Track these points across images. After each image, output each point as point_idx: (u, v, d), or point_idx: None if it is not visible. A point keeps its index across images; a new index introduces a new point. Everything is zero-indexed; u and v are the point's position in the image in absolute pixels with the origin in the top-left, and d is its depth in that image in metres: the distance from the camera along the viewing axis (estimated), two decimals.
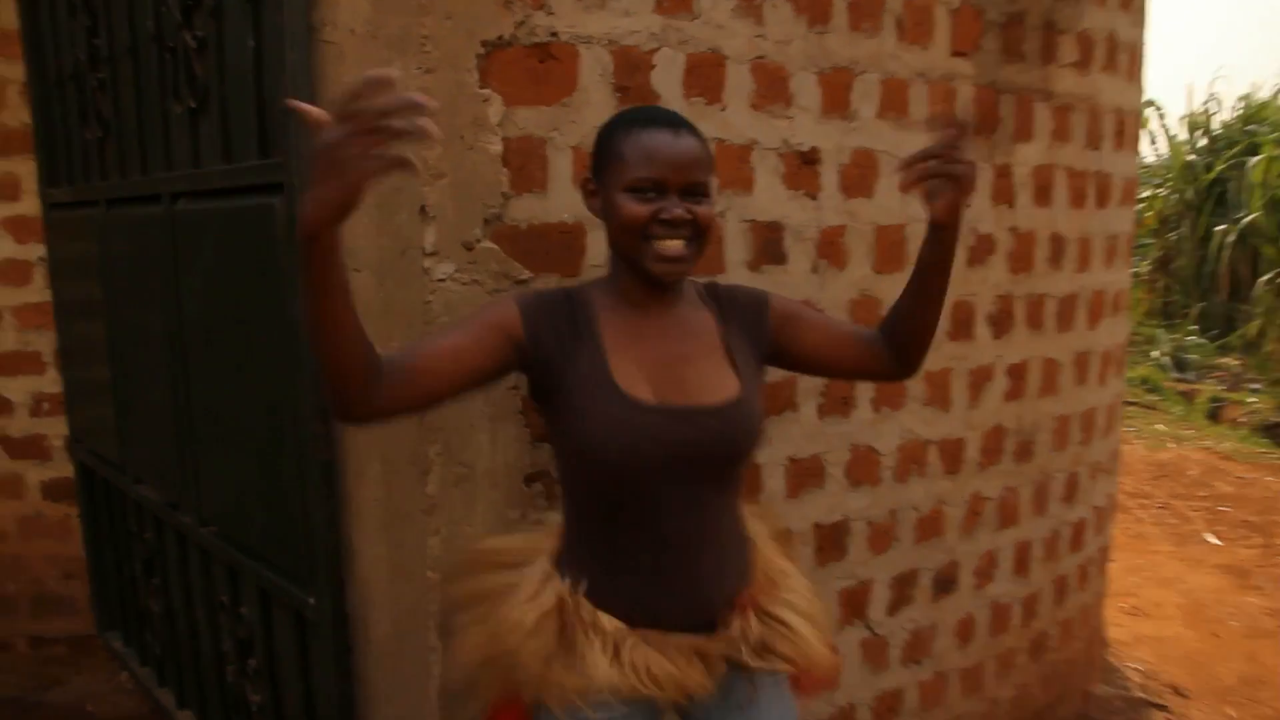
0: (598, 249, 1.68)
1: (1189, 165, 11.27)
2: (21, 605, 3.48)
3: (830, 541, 2.09)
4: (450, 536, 1.64)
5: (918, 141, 2.07)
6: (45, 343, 3.28)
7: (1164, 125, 11.91)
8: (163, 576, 2.56)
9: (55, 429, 3.31)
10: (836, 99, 1.94)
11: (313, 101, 1.60)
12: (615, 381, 1.29)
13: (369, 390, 1.17)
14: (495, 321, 1.30)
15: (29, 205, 3.19)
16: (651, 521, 1.32)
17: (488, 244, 1.61)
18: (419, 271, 1.59)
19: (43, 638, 3.45)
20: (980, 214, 2.25)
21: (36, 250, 3.23)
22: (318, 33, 1.59)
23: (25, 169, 3.18)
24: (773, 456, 1.97)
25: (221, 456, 2.11)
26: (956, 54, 2.13)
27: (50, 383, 3.30)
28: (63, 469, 3.30)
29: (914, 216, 2.07)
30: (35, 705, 3.07)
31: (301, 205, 1.02)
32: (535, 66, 1.63)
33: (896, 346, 1.45)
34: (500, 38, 1.59)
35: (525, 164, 1.62)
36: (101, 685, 3.12)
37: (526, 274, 1.63)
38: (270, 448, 1.87)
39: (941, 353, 2.21)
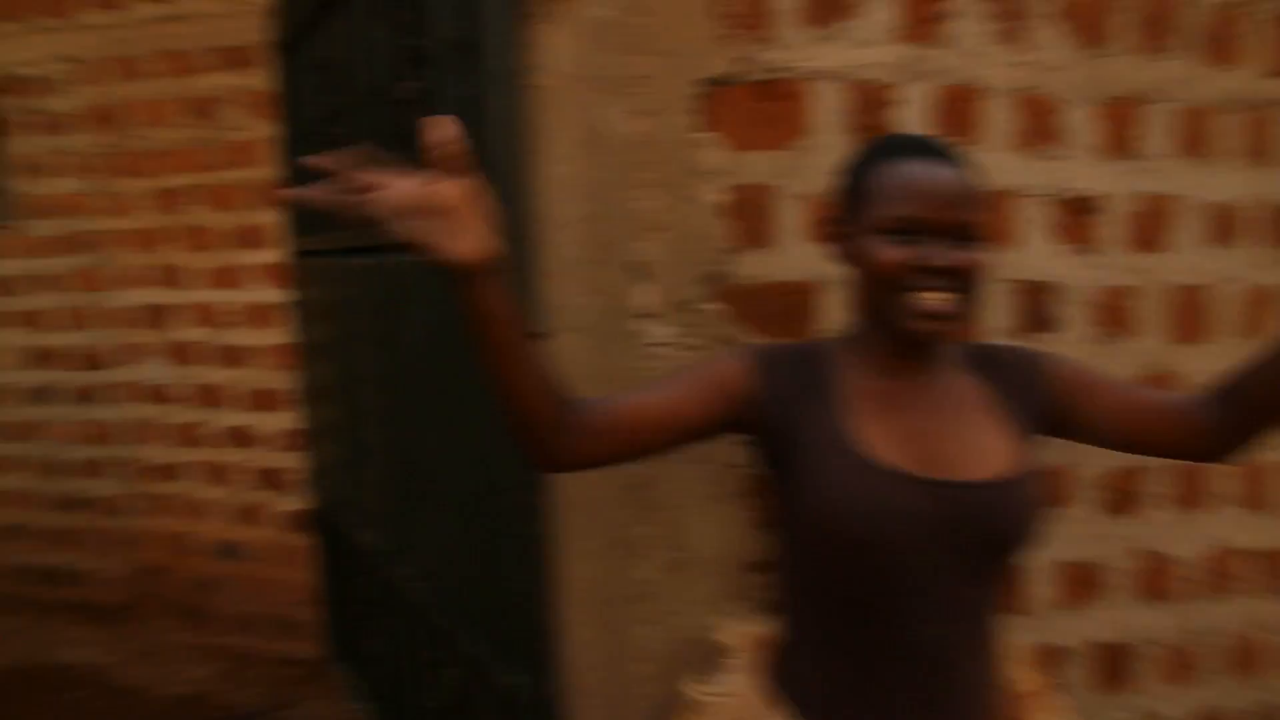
0: (831, 311, 1.48)
1: None
2: (266, 625, 3.68)
3: (1111, 665, 1.75)
4: (663, 627, 1.49)
5: (1223, 184, 1.73)
6: (289, 382, 3.46)
7: None
8: (381, 621, 2.58)
9: (297, 463, 3.47)
10: (1119, 135, 1.64)
11: (522, 151, 1.53)
12: (857, 444, 1.08)
13: (558, 438, 1.06)
14: (718, 375, 1.12)
15: (276, 253, 3.40)
16: (900, 622, 1.08)
17: (706, 304, 1.45)
18: (630, 334, 1.46)
19: (285, 658, 3.62)
20: None
21: (281, 295, 3.42)
22: (528, 77, 1.51)
23: (269, 219, 3.40)
24: (1042, 558, 1.66)
25: (434, 513, 2.08)
26: (1275, 75, 1.76)
27: (293, 419, 3.48)
28: (304, 500, 3.46)
29: (1224, 274, 1.72)
30: None
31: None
32: (760, 106, 1.46)
33: (1234, 418, 1.13)
34: (722, 75, 1.44)
35: (749, 215, 1.46)
36: (330, 711, 3.21)
37: (749, 338, 1.46)
38: (480, 513, 1.80)
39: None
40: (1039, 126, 1.59)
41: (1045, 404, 1.16)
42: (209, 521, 3.74)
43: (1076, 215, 1.63)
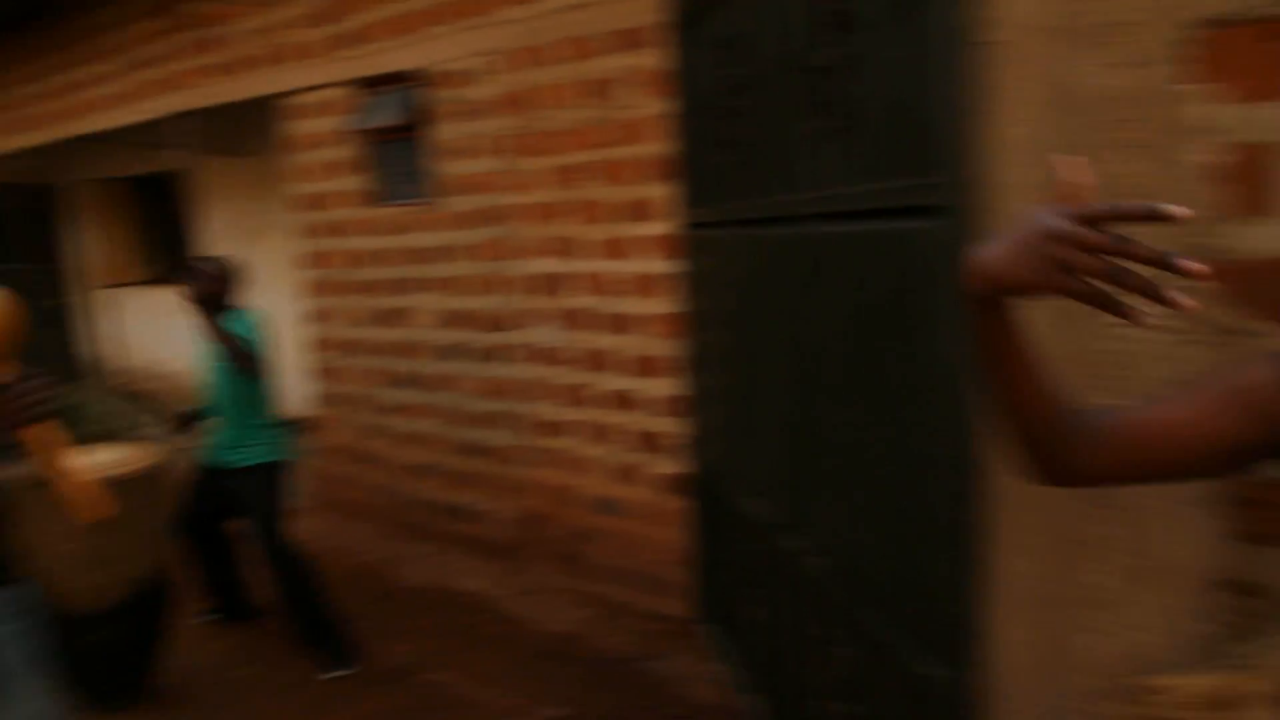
0: None
1: None
2: (637, 579, 3.87)
3: None
4: (1114, 639, 1.34)
5: None
6: (672, 349, 3.59)
7: None
8: (762, 590, 2.60)
9: (676, 428, 3.61)
10: None
11: (973, 112, 1.43)
12: None
13: (1061, 457, 0.99)
14: (1248, 387, 0.95)
15: (659, 226, 3.52)
16: None
17: (1190, 282, 1.27)
18: (1095, 311, 1.31)
19: (653, 613, 3.80)
20: None
21: (667, 266, 3.55)
22: (981, 33, 1.40)
23: (657, 193, 3.52)
24: None
25: (841, 491, 2.03)
26: None
27: (674, 386, 3.61)
28: (682, 465, 3.59)
29: None
30: (635, 671, 3.38)
31: (972, 257, 0.90)
32: (1265, 49, 1.24)
33: None
34: (1220, 16, 1.24)
35: (1251, 178, 1.26)
36: (692, 669, 3.33)
37: (1246, 324, 1.26)
38: (903, 497, 1.73)
39: None
40: None
41: None
42: (590, 477, 4.01)
43: None
